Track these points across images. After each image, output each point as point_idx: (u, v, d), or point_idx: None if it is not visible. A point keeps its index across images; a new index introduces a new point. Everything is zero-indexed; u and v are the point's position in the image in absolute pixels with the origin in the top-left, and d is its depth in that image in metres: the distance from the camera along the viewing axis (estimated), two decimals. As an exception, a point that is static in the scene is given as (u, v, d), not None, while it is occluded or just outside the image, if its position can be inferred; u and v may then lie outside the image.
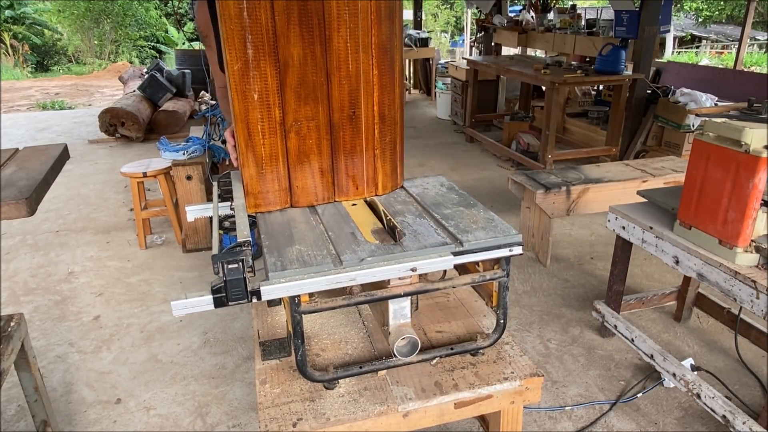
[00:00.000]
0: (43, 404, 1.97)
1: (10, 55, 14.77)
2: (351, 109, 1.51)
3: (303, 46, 1.40)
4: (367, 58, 1.48)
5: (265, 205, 1.57)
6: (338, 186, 1.61)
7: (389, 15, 1.49)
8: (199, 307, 1.22)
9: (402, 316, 1.44)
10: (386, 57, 1.51)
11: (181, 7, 13.75)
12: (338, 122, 1.52)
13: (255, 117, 1.44)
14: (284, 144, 1.50)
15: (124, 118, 6.83)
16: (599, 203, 3.48)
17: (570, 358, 2.67)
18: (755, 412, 2.23)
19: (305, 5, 1.38)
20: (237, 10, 1.33)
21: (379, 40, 1.48)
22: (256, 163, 1.50)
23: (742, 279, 1.82)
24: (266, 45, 1.38)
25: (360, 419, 1.35)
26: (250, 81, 1.40)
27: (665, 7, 5.01)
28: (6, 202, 1.48)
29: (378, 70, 1.51)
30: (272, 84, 1.42)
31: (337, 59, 1.45)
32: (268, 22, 1.36)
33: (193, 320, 3.00)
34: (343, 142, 1.55)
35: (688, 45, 18.31)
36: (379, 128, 1.57)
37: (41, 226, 4.41)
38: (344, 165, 1.58)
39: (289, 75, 1.42)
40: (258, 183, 1.53)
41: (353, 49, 1.45)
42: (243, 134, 1.46)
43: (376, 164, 1.61)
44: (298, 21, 1.38)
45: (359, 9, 1.42)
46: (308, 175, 1.56)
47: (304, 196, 1.59)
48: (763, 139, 1.72)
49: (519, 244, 1.39)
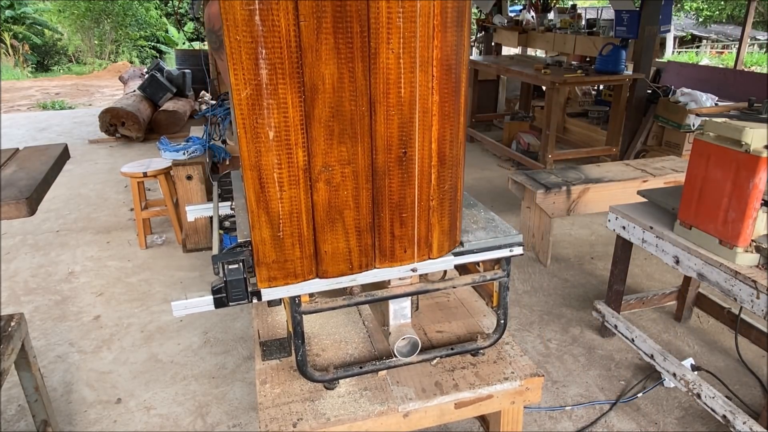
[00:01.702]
0: (43, 404, 1.97)
1: (11, 55, 14.77)
2: (401, 149, 1.15)
3: (338, 64, 1.04)
4: (426, 78, 1.11)
5: (282, 278, 1.20)
6: (380, 249, 1.25)
7: (457, 19, 1.12)
8: (199, 307, 1.22)
9: (402, 316, 1.44)
10: (450, 77, 1.15)
11: (181, 7, 13.73)
12: (383, 166, 1.16)
13: (269, 162, 1.08)
14: (309, 197, 1.14)
15: (125, 118, 6.83)
16: (599, 203, 3.48)
17: (570, 358, 2.66)
18: (755, 412, 2.23)
19: (342, 5, 1.00)
20: (246, 13, 0.97)
21: (442, 53, 1.11)
22: (270, 224, 1.14)
23: (743, 279, 1.81)
24: (287, 62, 1.02)
25: (360, 419, 1.35)
26: (263, 113, 1.04)
27: (665, 7, 5.00)
28: (6, 202, 1.48)
29: (439, 94, 1.14)
30: (294, 117, 1.06)
31: (385, 81, 1.08)
32: (289, 29, 1.00)
33: (193, 320, 3.00)
34: (389, 193, 1.18)
35: (689, 45, 18.30)
36: (437, 172, 1.22)
37: (41, 226, 4.41)
38: (389, 222, 1.22)
39: (318, 104, 1.06)
40: (273, 250, 1.17)
41: (408, 66, 1.08)
42: (253, 185, 1.10)
43: (430, 220, 1.25)
44: (333, 28, 1.01)
45: (418, 11, 1.04)
46: (341, 237, 1.19)
47: (334, 265, 1.22)
48: (764, 138, 1.72)
49: (519, 244, 1.39)
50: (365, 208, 1.18)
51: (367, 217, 1.19)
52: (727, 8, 17.66)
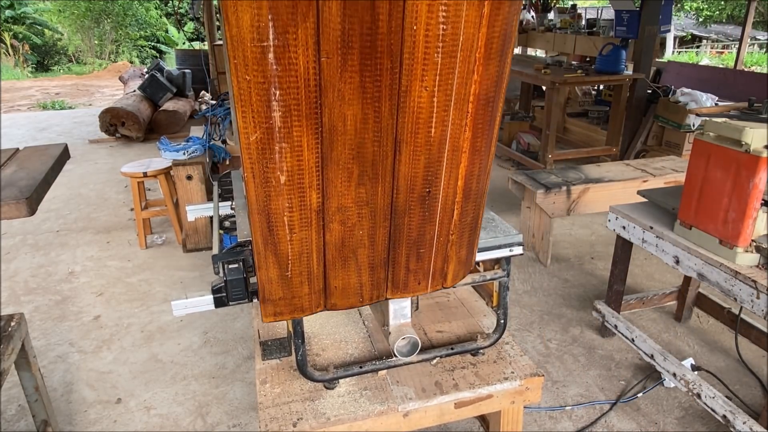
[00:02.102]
0: (43, 404, 1.97)
1: (11, 55, 14.77)
2: (425, 188, 1.04)
3: (363, 104, 0.91)
4: (461, 116, 0.98)
5: (289, 312, 1.14)
6: (393, 282, 1.18)
7: (502, 48, 0.97)
8: (199, 307, 1.22)
9: (402, 316, 1.44)
10: (487, 111, 1.02)
11: (181, 7, 13.74)
12: (403, 205, 1.05)
13: (280, 206, 0.98)
14: (321, 237, 1.04)
15: (125, 118, 6.83)
16: (599, 203, 3.48)
17: (570, 357, 2.66)
18: (756, 412, 2.23)
19: (373, 39, 0.85)
20: (258, 50, 0.82)
21: (481, 88, 0.98)
22: (278, 265, 1.05)
23: (743, 279, 1.81)
24: (303, 103, 0.89)
25: (360, 419, 1.35)
26: (274, 158, 0.92)
27: (665, 7, 5.00)
28: (6, 202, 1.48)
29: (472, 131, 1.02)
30: (309, 159, 0.94)
31: (414, 121, 0.95)
32: (308, 68, 0.86)
33: (193, 320, 3.00)
34: (408, 231, 1.09)
35: (689, 45, 18.30)
36: (460, 208, 1.11)
37: (41, 226, 4.41)
38: (405, 258, 1.13)
39: (338, 146, 0.94)
40: (280, 288, 1.10)
41: (441, 105, 0.95)
42: (260, 229, 1.00)
43: (448, 253, 1.17)
44: (359, 65, 0.88)
45: (460, 44, 0.89)
46: (352, 274, 1.11)
47: (344, 299, 1.15)
48: (764, 138, 1.72)
49: (519, 244, 1.39)
50: (381, 245, 1.08)
51: (382, 254, 1.09)
52: (727, 8, 17.66)
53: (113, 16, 15.56)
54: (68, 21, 15.50)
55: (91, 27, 15.51)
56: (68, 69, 15.37)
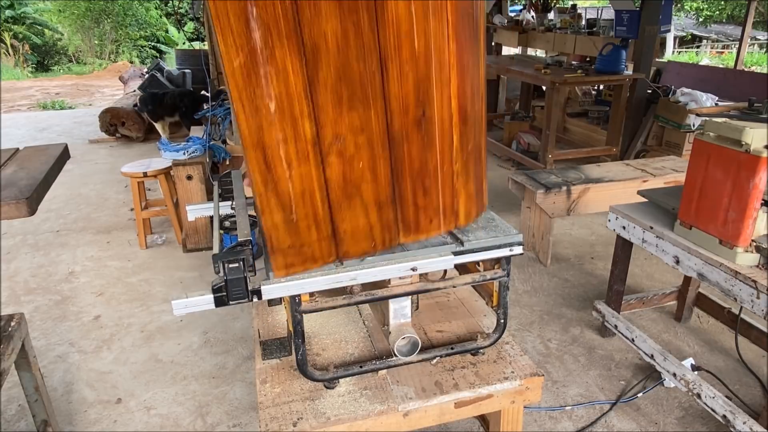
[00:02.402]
0: (43, 404, 1.97)
1: (11, 55, 14.78)
2: (419, 109, 1.02)
3: (341, 18, 0.91)
4: (441, 26, 0.98)
5: (300, 263, 1.11)
6: (404, 222, 1.15)
7: None
8: (199, 306, 1.22)
9: (402, 316, 1.44)
10: (467, 23, 1.01)
11: (181, 7, 13.74)
12: (400, 131, 1.03)
13: (273, 138, 0.96)
14: (321, 173, 1.02)
15: (125, 118, 6.83)
16: (600, 203, 3.48)
17: (570, 357, 2.67)
18: (756, 412, 2.23)
19: None
20: None
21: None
22: (281, 207, 1.03)
23: (743, 279, 1.82)
24: (282, 21, 0.89)
25: (360, 419, 1.35)
26: (261, 83, 0.92)
27: (666, 7, 5.01)
28: (6, 202, 1.48)
29: (456, 43, 1.00)
30: (296, 83, 0.94)
31: (395, 34, 0.95)
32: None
33: (193, 320, 3.00)
34: (409, 160, 1.07)
35: (689, 45, 18.30)
36: (459, 132, 1.09)
37: (41, 226, 4.41)
38: (411, 192, 1.11)
39: (323, 66, 0.94)
40: (287, 235, 1.06)
41: (420, 14, 0.94)
42: (258, 166, 0.98)
43: (455, 185, 1.14)
44: None
45: None
46: (360, 213, 1.09)
47: (355, 244, 1.13)
48: (764, 138, 1.72)
49: (519, 243, 1.39)
50: (384, 179, 1.05)
51: (386, 189, 1.07)
52: (727, 8, 17.67)
53: (113, 16, 15.57)
54: (68, 21, 15.51)
55: (91, 27, 15.52)
56: (68, 69, 15.38)
